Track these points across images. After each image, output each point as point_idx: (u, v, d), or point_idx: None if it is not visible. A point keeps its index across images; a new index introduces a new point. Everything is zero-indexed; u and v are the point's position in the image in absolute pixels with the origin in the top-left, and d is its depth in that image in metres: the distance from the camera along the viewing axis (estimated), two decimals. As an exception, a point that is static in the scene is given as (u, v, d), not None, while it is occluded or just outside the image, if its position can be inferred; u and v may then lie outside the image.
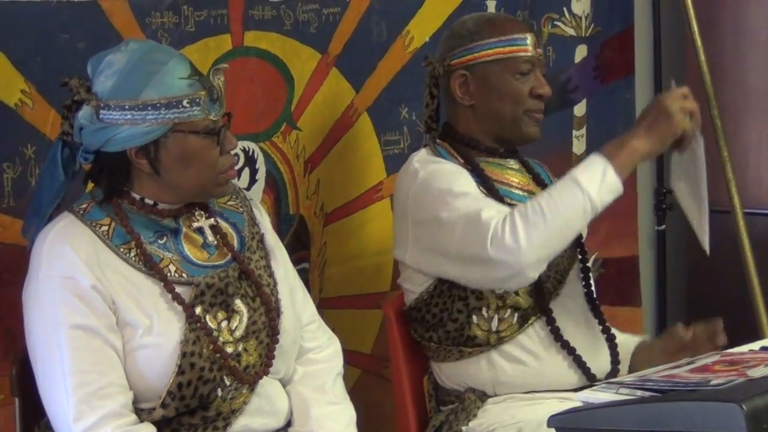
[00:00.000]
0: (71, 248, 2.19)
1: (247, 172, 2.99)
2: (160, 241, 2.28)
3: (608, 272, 3.68)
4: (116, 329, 2.20)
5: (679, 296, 4.18)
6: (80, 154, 2.26)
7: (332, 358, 2.50)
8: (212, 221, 2.35)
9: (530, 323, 2.71)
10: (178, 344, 2.21)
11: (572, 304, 2.78)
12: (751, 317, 3.56)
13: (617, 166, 2.50)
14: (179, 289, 2.25)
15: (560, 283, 2.76)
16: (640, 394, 2.03)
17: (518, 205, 2.56)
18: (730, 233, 3.55)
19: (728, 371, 2.06)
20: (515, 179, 2.78)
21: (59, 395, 2.16)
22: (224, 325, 2.27)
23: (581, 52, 3.81)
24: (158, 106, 2.20)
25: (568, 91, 3.76)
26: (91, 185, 2.34)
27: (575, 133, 3.82)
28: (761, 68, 3.93)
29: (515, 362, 2.70)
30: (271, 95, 3.03)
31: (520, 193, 2.76)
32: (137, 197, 2.28)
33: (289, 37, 3.05)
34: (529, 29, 2.78)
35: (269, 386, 2.35)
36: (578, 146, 3.83)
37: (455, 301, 2.70)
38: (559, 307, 2.74)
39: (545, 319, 2.71)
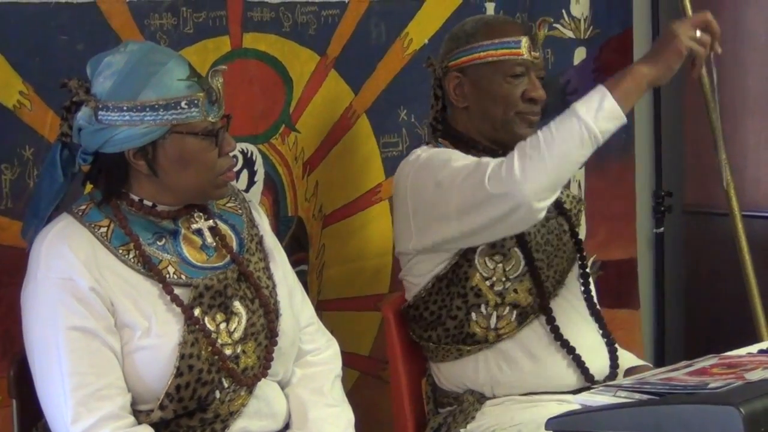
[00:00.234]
0: (70, 249, 2.19)
1: (245, 173, 2.99)
2: (158, 242, 2.28)
3: (607, 275, 3.68)
4: (114, 331, 2.20)
5: (677, 299, 4.18)
6: (79, 155, 2.26)
7: (331, 360, 2.50)
8: (211, 223, 2.35)
9: (529, 321, 2.71)
10: (176, 346, 2.21)
11: (571, 305, 2.78)
12: (749, 320, 3.56)
13: (619, 93, 2.47)
14: (178, 290, 2.24)
15: (559, 283, 2.77)
16: (638, 397, 2.03)
17: None
18: (728, 236, 3.54)
19: (726, 374, 2.07)
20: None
21: (57, 397, 2.15)
22: (223, 327, 2.27)
23: (580, 54, 3.81)
24: (156, 107, 2.20)
25: (567, 93, 3.76)
26: (89, 187, 2.34)
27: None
28: (760, 71, 3.93)
29: (514, 362, 2.70)
30: (269, 97, 3.03)
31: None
32: (136, 199, 2.28)
33: (287, 38, 3.05)
34: (525, 32, 2.77)
35: (267, 388, 2.35)
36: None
37: (454, 298, 2.70)
38: (558, 307, 2.74)
39: (545, 318, 2.71)
